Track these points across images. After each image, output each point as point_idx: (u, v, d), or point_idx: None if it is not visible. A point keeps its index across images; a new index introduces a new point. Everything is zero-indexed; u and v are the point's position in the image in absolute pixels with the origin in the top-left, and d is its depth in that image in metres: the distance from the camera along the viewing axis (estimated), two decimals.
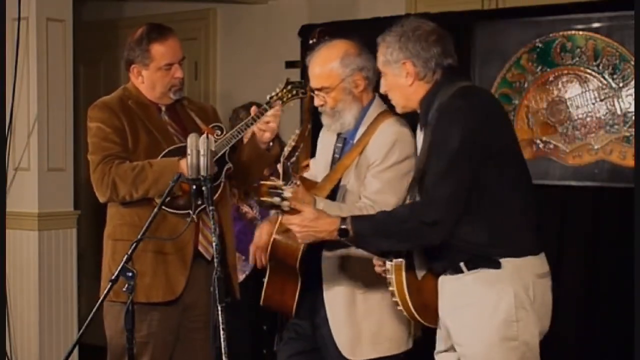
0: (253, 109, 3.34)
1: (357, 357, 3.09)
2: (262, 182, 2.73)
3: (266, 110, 3.30)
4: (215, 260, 2.77)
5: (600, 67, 4.21)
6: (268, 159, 3.48)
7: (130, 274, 2.77)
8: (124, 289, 2.77)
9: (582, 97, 4.25)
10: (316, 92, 3.13)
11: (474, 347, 2.71)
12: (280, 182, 2.68)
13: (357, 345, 3.08)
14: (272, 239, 3.09)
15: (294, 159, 2.99)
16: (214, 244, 2.84)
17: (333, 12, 5.09)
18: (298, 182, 2.96)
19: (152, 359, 3.36)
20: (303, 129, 3.08)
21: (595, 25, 4.24)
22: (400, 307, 2.81)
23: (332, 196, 3.10)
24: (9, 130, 4.79)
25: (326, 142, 3.28)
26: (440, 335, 2.89)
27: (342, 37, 3.19)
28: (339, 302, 3.09)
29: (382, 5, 5.00)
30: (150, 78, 3.39)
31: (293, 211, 2.75)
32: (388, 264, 2.79)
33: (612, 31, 4.19)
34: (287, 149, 2.99)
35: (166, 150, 3.34)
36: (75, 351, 4.54)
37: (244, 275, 4.23)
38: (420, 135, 2.90)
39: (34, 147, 4.79)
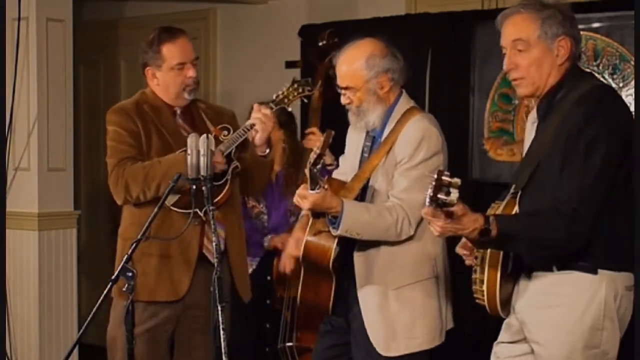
0: (255, 107, 3.35)
1: (393, 352, 3.10)
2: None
3: (271, 109, 3.35)
4: (215, 260, 2.77)
5: (600, 67, 4.21)
6: (265, 166, 3.50)
7: (130, 274, 2.77)
8: (124, 289, 2.78)
9: None
10: (342, 91, 3.13)
11: (555, 349, 2.63)
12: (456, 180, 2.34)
13: (391, 342, 3.10)
14: (304, 241, 3.12)
15: (319, 166, 2.98)
16: (213, 243, 2.84)
17: (333, 12, 5.08)
18: (326, 187, 2.96)
19: (153, 358, 3.37)
20: (327, 136, 3.06)
21: (595, 25, 4.23)
22: (482, 298, 2.64)
23: (361, 196, 3.11)
24: (9, 130, 4.78)
25: (354, 140, 3.29)
26: (509, 327, 2.80)
27: (350, 37, 3.18)
28: (372, 300, 3.11)
29: (382, 5, 5.00)
30: (163, 79, 3.43)
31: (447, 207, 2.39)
32: (480, 251, 2.62)
33: (612, 31, 4.18)
34: (312, 156, 2.98)
35: (176, 153, 3.36)
36: (75, 351, 4.54)
37: (250, 269, 4.22)
38: (531, 124, 2.79)
39: (34, 147, 4.79)
